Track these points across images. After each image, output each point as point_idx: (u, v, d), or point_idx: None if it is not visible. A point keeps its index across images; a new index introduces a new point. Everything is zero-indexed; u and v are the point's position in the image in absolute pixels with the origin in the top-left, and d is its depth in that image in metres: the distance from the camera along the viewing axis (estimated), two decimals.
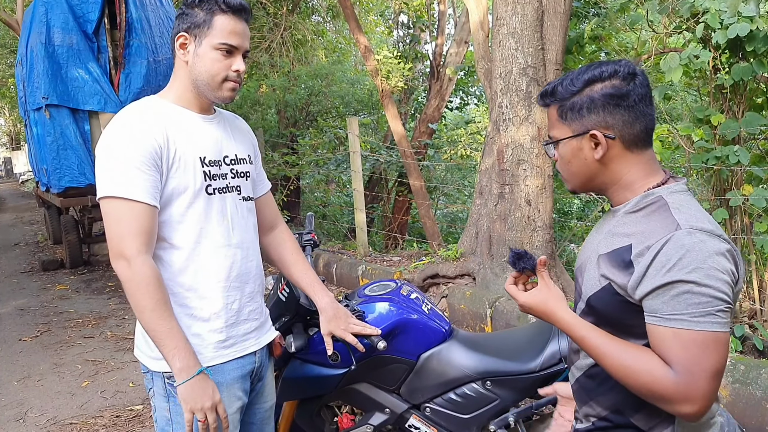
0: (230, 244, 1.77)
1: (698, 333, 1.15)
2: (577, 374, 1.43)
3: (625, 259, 1.23)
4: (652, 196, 1.29)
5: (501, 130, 4.80)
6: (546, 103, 1.38)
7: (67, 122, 7.34)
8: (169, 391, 1.70)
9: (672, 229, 1.19)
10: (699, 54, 3.69)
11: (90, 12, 7.37)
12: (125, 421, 3.84)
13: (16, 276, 8.38)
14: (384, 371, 2.37)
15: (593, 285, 1.31)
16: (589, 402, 1.39)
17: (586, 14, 5.95)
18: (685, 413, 1.17)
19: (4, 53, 20.43)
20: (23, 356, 5.11)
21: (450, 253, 5.25)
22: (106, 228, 1.63)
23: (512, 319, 4.17)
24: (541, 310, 1.35)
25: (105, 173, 1.62)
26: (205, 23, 1.66)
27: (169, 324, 1.60)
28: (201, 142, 1.73)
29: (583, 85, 1.30)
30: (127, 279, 1.59)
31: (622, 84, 1.28)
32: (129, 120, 1.66)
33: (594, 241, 1.40)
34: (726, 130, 3.68)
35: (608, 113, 1.28)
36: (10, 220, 15.46)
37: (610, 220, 1.38)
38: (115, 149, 1.62)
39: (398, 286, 2.50)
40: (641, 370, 1.19)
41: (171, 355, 1.59)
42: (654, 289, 1.18)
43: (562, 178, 1.44)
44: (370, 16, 14.49)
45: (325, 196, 13.35)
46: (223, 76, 1.69)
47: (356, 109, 11.67)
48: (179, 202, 1.68)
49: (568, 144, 1.34)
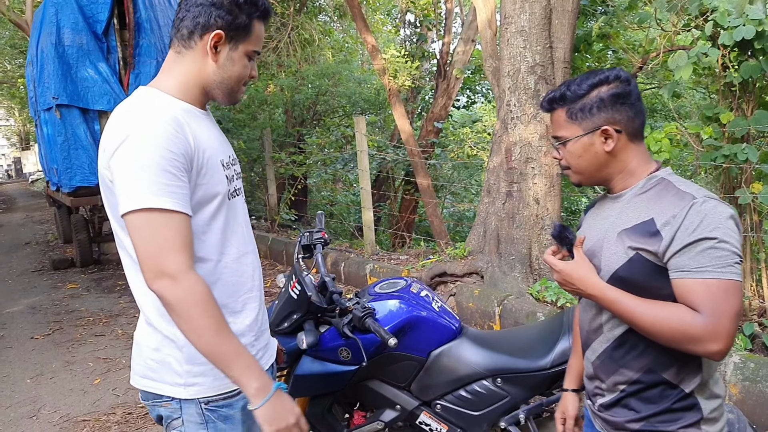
0: (248, 250, 1.66)
1: (721, 281, 1.34)
2: (602, 348, 1.57)
3: (651, 230, 1.41)
4: (656, 178, 1.51)
5: (509, 128, 4.81)
6: (553, 108, 1.57)
7: (77, 122, 7.40)
8: (208, 417, 1.55)
9: (689, 200, 1.39)
10: (707, 52, 3.68)
11: (99, 12, 7.42)
12: (137, 418, 3.88)
13: (27, 275, 8.44)
14: (395, 368, 2.39)
15: (618, 258, 1.47)
16: (618, 370, 1.54)
17: (593, 12, 5.94)
18: (713, 351, 1.34)
19: (14, 54, 20.53)
20: (36, 354, 5.16)
21: (458, 252, 5.27)
22: (140, 244, 1.39)
23: (521, 317, 4.18)
24: (576, 276, 1.50)
25: (135, 181, 1.38)
26: (246, 28, 1.53)
27: (234, 341, 1.43)
28: (215, 142, 1.58)
29: (589, 88, 1.50)
30: (176, 300, 1.38)
31: (624, 85, 1.50)
32: (154, 117, 1.43)
33: (601, 226, 1.57)
34: (735, 127, 3.68)
35: (615, 110, 1.49)
36: (20, 219, 15.56)
37: (616, 204, 1.56)
38: (143, 154, 1.38)
39: (408, 283, 2.52)
40: (673, 317, 1.36)
41: (245, 376, 1.42)
42: (682, 248, 1.36)
43: (567, 173, 1.62)
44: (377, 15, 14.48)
45: (333, 195, 13.37)
46: (244, 80, 1.60)
47: (363, 108, 11.68)
48: (206, 210, 1.52)
49: (580, 141, 1.53)
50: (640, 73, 5.73)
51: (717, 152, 3.73)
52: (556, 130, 1.58)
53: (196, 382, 1.52)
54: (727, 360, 3.07)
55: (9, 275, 8.51)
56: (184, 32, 1.53)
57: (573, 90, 1.51)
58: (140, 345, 1.60)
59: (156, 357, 1.55)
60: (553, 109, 1.57)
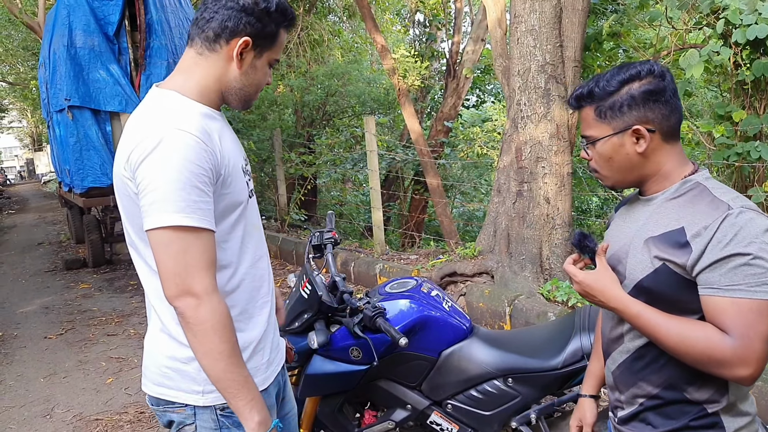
0: (263, 253, 1.65)
1: (754, 301, 1.24)
2: (621, 359, 1.50)
3: (680, 240, 1.32)
4: (690, 182, 1.40)
5: (519, 127, 4.80)
6: (580, 105, 1.46)
7: (89, 123, 7.46)
8: (223, 423, 1.53)
9: (724, 209, 1.29)
10: (719, 50, 3.66)
11: (111, 14, 7.48)
12: (149, 417, 3.90)
13: (40, 275, 8.51)
14: (405, 368, 2.39)
15: (644, 268, 1.38)
16: (637, 383, 1.46)
17: (604, 11, 5.91)
18: (741, 376, 1.26)
19: (26, 56, 20.71)
20: (49, 353, 5.20)
21: (468, 252, 5.26)
22: (164, 260, 1.36)
23: (531, 317, 4.17)
24: (598, 288, 1.42)
25: (162, 198, 1.34)
26: (272, 37, 1.52)
27: (245, 372, 1.43)
28: (233, 146, 1.56)
29: (619, 85, 1.39)
30: (197, 321, 1.36)
31: (658, 81, 1.37)
32: (180, 128, 1.39)
33: (629, 230, 1.47)
34: (747, 126, 3.66)
35: (648, 108, 1.38)
36: (33, 220, 15.69)
37: (647, 207, 1.45)
38: (172, 167, 1.34)
39: (419, 283, 2.52)
40: (699, 337, 1.28)
41: (248, 407, 1.42)
42: (712, 263, 1.27)
43: (597, 176, 1.50)
44: (387, 15, 14.48)
45: (342, 195, 13.38)
46: (262, 88, 1.60)
47: (373, 108, 11.68)
48: (229, 219, 1.51)
49: (609, 141, 1.42)
50: None
51: (729, 151, 3.71)
52: (585, 129, 1.47)
53: (213, 389, 1.48)
54: None
55: (22, 275, 8.58)
56: (209, 34, 1.48)
57: (602, 86, 1.40)
58: (153, 352, 1.57)
59: (172, 365, 1.52)
60: (581, 107, 1.46)
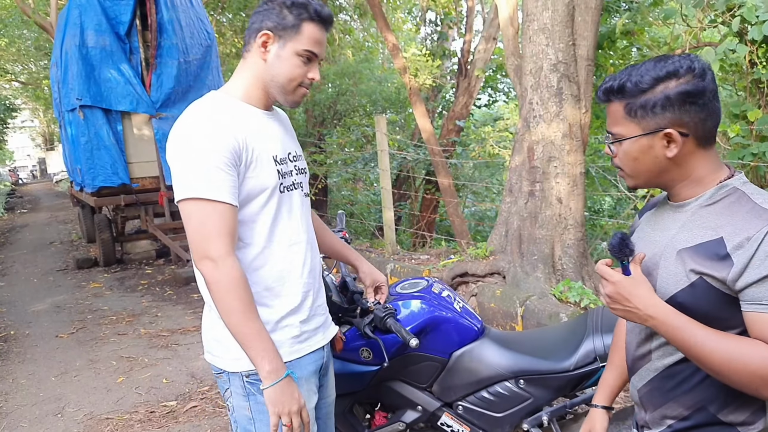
0: (301, 240, 1.79)
1: None
2: (649, 376, 1.41)
3: (720, 252, 1.22)
4: (727, 188, 1.29)
5: (531, 127, 4.76)
6: (609, 99, 1.34)
7: (100, 123, 7.49)
8: (249, 389, 1.70)
9: (767, 218, 1.19)
10: (735, 48, 3.61)
11: (122, 14, 7.51)
12: (159, 417, 3.90)
13: (51, 274, 8.56)
14: (416, 369, 2.37)
15: (678, 281, 1.28)
16: (666, 403, 1.37)
17: (617, 9, 5.87)
18: None
19: (38, 55, 20.85)
20: (60, 352, 5.22)
21: (479, 252, 5.23)
22: (189, 229, 1.60)
23: (543, 318, 4.13)
24: (637, 294, 1.29)
25: (186, 173, 1.58)
26: (294, 28, 1.66)
27: (257, 325, 1.59)
28: (270, 139, 1.74)
29: (654, 82, 1.26)
30: (214, 281, 1.57)
31: (698, 81, 1.25)
32: (206, 117, 1.63)
33: (659, 239, 1.37)
34: (763, 125, 3.61)
35: (684, 111, 1.25)
36: (45, 219, 15.81)
37: (678, 215, 1.35)
38: (194, 148, 1.58)
39: (429, 284, 2.49)
40: (754, 356, 1.17)
41: (260, 357, 1.58)
42: (761, 278, 1.17)
43: (621, 174, 1.40)
44: (398, 13, 14.47)
45: (353, 195, 13.38)
46: (299, 81, 1.70)
47: (384, 107, 11.67)
48: (256, 201, 1.68)
49: (637, 142, 1.31)
50: None
51: (744, 150, 3.66)
52: (611, 125, 1.35)
53: (240, 356, 1.65)
54: None
55: (34, 274, 8.64)
56: (246, 39, 1.72)
57: (635, 82, 1.27)
58: (204, 326, 1.80)
59: (212, 334, 1.75)
60: (609, 101, 1.34)
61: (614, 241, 1.34)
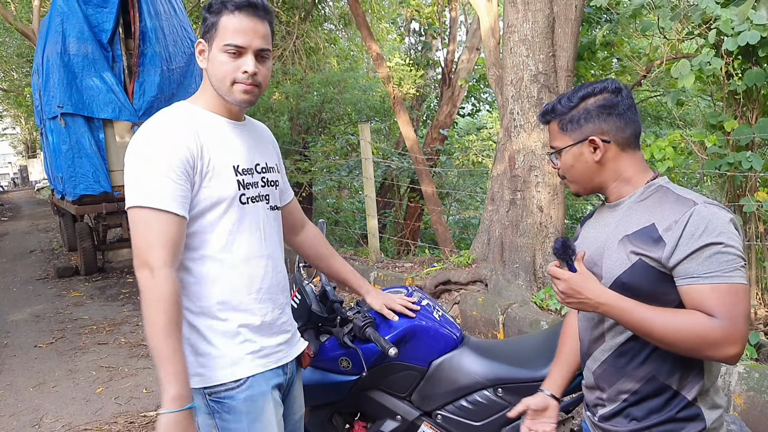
0: (262, 254, 1.75)
1: (731, 285, 1.36)
2: (603, 357, 1.59)
3: (654, 235, 1.44)
4: (654, 186, 1.54)
5: (512, 136, 4.80)
6: (547, 120, 1.65)
7: (82, 131, 7.42)
8: (213, 407, 1.66)
9: (690, 204, 1.41)
10: (711, 60, 3.67)
11: (105, 21, 7.46)
12: (139, 427, 3.87)
13: (31, 283, 8.46)
14: (395, 378, 2.37)
15: (621, 264, 1.49)
16: (620, 379, 1.55)
17: (598, 20, 5.94)
18: (731, 354, 1.36)
19: (20, 62, 20.68)
20: (39, 362, 5.16)
21: (462, 260, 5.25)
22: (133, 237, 1.57)
23: (524, 325, 4.15)
24: (587, 287, 1.49)
25: (134, 182, 1.58)
26: (214, 26, 1.64)
27: (176, 345, 1.52)
28: (233, 149, 1.71)
29: (578, 101, 1.56)
30: (147, 289, 1.53)
31: (611, 96, 1.54)
32: (160, 126, 1.62)
33: (600, 234, 1.59)
34: (739, 135, 3.66)
35: (602, 121, 1.54)
36: (25, 227, 15.62)
37: (615, 212, 1.58)
38: (145, 157, 1.58)
39: (409, 293, 2.50)
40: (692, 323, 1.37)
41: (168, 379, 1.48)
42: (689, 255, 1.38)
43: (565, 183, 1.68)
44: (382, 23, 14.53)
45: (337, 203, 13.37)
46: (231, 78, 1.64)
47: (368, 116, 11.69)
48: (213, 212, 1.65)
49: (570, 151, 1.59)
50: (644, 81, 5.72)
51: (721, 160, 3.71)
52: (551, 141, 1.66)
53: (199, 372, 1.63)
54: (732, 370, 3.04)
55: (13, 283, 8.53)
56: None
57: (563, 103, 1.59)
58: None
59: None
60: (548, 121, 1.66)
61: (557, 245, 1.57)
